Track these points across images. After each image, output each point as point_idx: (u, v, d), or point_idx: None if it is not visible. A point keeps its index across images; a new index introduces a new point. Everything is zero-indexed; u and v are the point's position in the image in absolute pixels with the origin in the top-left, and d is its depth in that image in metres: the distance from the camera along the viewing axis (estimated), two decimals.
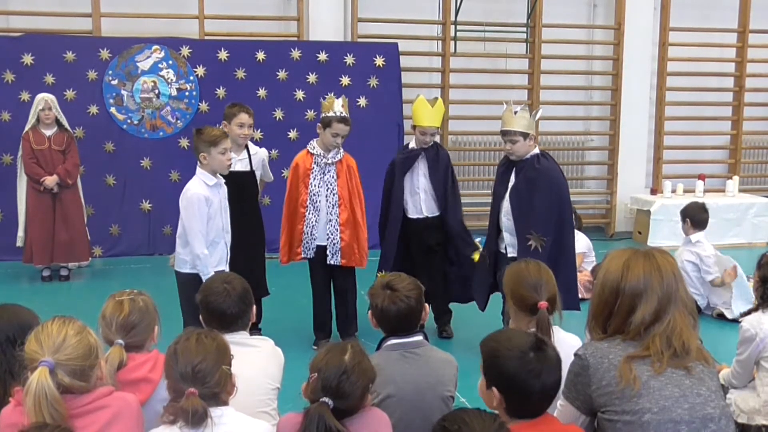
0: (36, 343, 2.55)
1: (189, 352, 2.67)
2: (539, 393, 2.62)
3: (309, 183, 6.14)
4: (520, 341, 2.69)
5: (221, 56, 9.51)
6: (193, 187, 5.26)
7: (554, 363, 2.67)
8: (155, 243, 9.50)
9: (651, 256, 2.76)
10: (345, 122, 6.06)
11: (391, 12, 10.27)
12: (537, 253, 5.49)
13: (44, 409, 2.42)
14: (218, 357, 2.70)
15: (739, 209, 10.62)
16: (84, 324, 2.68)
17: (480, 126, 10.66)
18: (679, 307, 2.70)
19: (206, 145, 5.25)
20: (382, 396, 3.14)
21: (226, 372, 2.71)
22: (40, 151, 8.02)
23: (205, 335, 2.77)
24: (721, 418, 2.57)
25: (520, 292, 3.34)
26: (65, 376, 2.51)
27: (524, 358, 2.62)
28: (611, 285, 2.73)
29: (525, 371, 2.60)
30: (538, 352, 2.64)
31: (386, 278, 3.42)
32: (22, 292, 7.80)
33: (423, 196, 6.41)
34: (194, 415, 2.57)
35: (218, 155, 5.26)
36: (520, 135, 5.68)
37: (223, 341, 2.80)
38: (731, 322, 6.75)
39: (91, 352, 2.60)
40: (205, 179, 5.28)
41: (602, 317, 2.77)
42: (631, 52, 10.97)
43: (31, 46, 9.10)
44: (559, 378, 2.69)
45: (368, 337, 5.42)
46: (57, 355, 2.51)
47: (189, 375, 2.63)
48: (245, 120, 6.19)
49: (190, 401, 2.58)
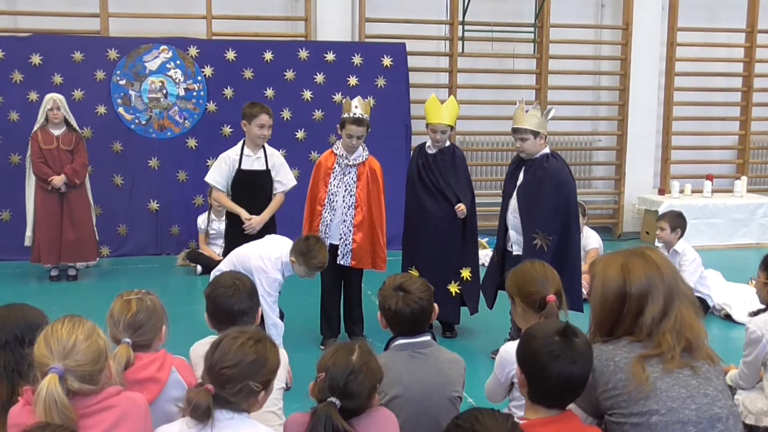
0: (45, 347, 2.54)
1: (227, 351, 2.64)
2: (556, 378, 2.57)
3: (329, 182, 6.15)
4: (553, 326, 2.70)
5: (229, 56, 9.53)
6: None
7: (578, 352, 2.61)
8: (163, 243, 9.52)
9: (646, 256, 2.76)
10: (358, 123, 6.03)
11: (399, 12, 10.28)
12: (542, 253, 5.49)
13: (54, 416, 2.43)
14: (251, 370, 2.63)
15: (747, 209, 10.59)
16: (94, 325, 2.67)
17: (488, 126, 10.67)
18: (683, 300, 2.70)
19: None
20: (390, 396, 3.14)
21: (253, 388, 2.63)
22: (48, 151, 8.03)
23: (254, 343, 2.68)
24: (728, 418, 2.57)
25: (528, 289, 3.35)
26: (74, 381, 2.51)
27: (547, 339, 2.62)
28: (615, 292, 2.72)
29: (544, 351, 2.59)
30: (564, 337, 2.61)
31: (397, 280, 3.42)
32: (30, 292, 7.82)
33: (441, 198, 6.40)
34: (196, 409, 2.56)
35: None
36: (530, 133, 5.69)
37: (265, 356, 2.68)
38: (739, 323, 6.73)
39: (100, 357, 2.59)
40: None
41: (608, 324, 2.75)
42: (638, 52, 10.95)
43: (39, 46, 9.13)
44: (583, 372, 2.62)
45: (375, 337, 5.43)
46: (66, 362, 2.51)
47: (215, 372, 2.61)
48: (266, 121, 6.21)
49: (201, 395, 2.57)
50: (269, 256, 5.36)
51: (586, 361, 2.63)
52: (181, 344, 3.59)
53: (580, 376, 2.61)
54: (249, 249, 5.45)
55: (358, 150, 6.14)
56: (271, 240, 5.64)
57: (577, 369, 2.60)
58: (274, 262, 5.37)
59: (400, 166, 8.36)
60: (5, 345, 2.83)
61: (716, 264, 8.14)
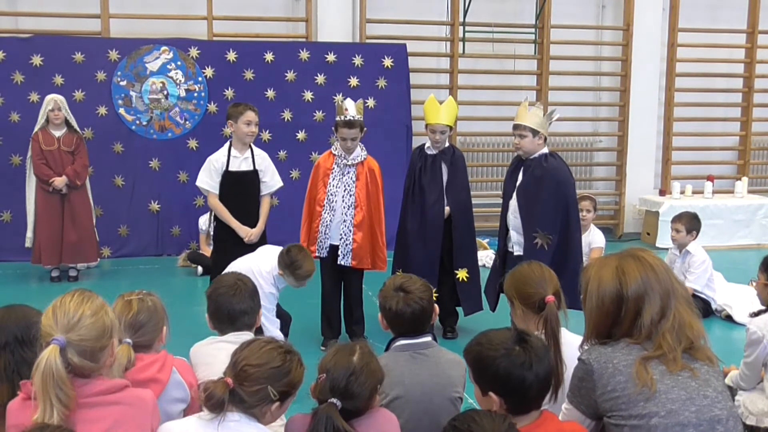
0: (52, 316, 2.54)
1: (255, 350, 2.66)
2: (535, 384, 2.61)
3: (328, 183, 6.16)
4: (502, 338, 2.68)
5: (230, 57, 9.53)
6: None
7: (542, 351, 2.67)
8: (164, 244, 9.53)
9: (639, 257, 2.75)
10: (350, 126, 6.03)
11: (400, 13, 10.29)
12: (543, 252, 5.50)
13: (50, 389, 2.41)
14: (272, 375, 2.64)
15: (748, 210, 10.59)
16: (104, 302, 2.66)
17: (488, 127, 10.67)
18: (679, 300, 2.70)
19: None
20: (391, 397, 3.15)
21: (268, 393, 2.63)
22: (49, 152, 8.04)
23: (286, 351, 2.71)
24: (728, 420, 2.56)
25: (526, 291, 3.32)
26: (75, 355, 2.49)
27: (512, 354, 2.62)
28: (611, 295, 2.71)
29: (517, 366, 2.60)
30: (523, 344, 2.64)
31: (398, 281, 3.42)
32: (31, 293, 7.82)
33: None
34: (209, 399, 2.57)
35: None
36: (529, 131, 5.70)
37: (290, 368, 2.69)
38: (739, 324, 6.73)
39: (104, 333, 2.57)
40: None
41: (605, 328, 2.74)
42: (639, 53, 10.95)
43: (40, 47, 9.14)
44: (549, 365, 2.68)
45: (376, 337, 5.42)
46: (69, 335, 2.49)
47: (237, 368, 2.63)
48: (252, 117, 6.18)
49: (218, 386, 2.58)
50: (261, 271, 5.32)
51: (547, 352, 2.71)
52: (182, 345, 3.59)
53: (549, 369, 2.68)
54: (242, 264, 5.39)
55: (357, 150, 6.15)
56: (263, 253, 5.60)
57: (546, 363, 2.67)
58: (266, 276, 5.34)
59: (401, 167, 8.35)
60: (5, 346, 2.83)
61: (717, 265, 8.12)
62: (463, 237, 6.44)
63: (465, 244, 6.47)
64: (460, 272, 6.39)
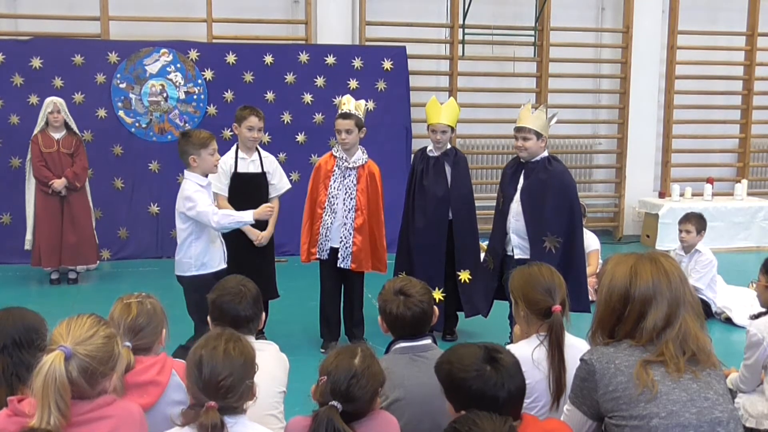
0: (66, 327, 2.55)
1: (216, 364, 2.59)
2: (508, 401, 2.61)
3: (329, 185, 6.16)
4: (472, 357, 2.67)
5: (229, 59, 9.53)
6: (189, 187, 5.27)
7: (513, 368, 2.67)
8: (163, 246, 9.51)
9: (656, 261, 2.74)
10: (343, 117, 6.09)
11: (399, 15, 10.29)
12: (550, 255, 5.50)
13: (51, 393, 2.40)
14: (244, 371, 2.64)
15: (747, 213, 10.60)
16: (116, 333, 2.68)
17: (488, 129, 10.68)
18: (689, 311, 2.69)
19: (196, 147, 5.27)
20: (391, 399, 3.14)
21: (249, 386, 2.66)
22: (48, 154, 8.04)
23: (234, 344, 2.67)
24: (729, 422, 2.56)
25: (534, 296, 3.29)
26: (75, 369, 2.48)
27: (483, 374, 2.62)
28: (619, 291, 2.71)
29: (489, 386, 2.60)
30: (494, 363, 2.64)
31: (397, 284, 3.41)
32: (31, 295, 7.82)
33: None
34: (213, 428, 2.53)
35: (208, 156, 5.30)
36: (533, 133, 5.70)
37: (249, 353, 2.70)
38: (739, 327, 6.73)
39: (110, 359, 2.58)
40: (197, 180, 5.30)
41: (609, 324, 2.74)
42: (639, 56, 10.96)
43: (39, 49, 9.13)
44: (522, 380, 2.68)
45: (376, 340, 5.42)
46: (78, 347, 2.50)
47: (212, 388, 2.57)
48: (255, 123, 6.19)
49: (210, 415, 2.54)
50: (184, 189, 5.29)
51: (517, 367, 2.69)
52: None
53: (521, 384, 2.68)
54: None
55: (357, 153, 6.15)
56: (183, 186, 5.44)
57: (518, 379, 2.67)
58: (188, 186, 5.28)
59: (401, 169, 8.36)
60: (4, 349, 2.83)
61: (717, 267, 8.13)
62: (465, 238, 6.44)
63: (467, 246, 6.46)
64: (462, 274, 6.39)
